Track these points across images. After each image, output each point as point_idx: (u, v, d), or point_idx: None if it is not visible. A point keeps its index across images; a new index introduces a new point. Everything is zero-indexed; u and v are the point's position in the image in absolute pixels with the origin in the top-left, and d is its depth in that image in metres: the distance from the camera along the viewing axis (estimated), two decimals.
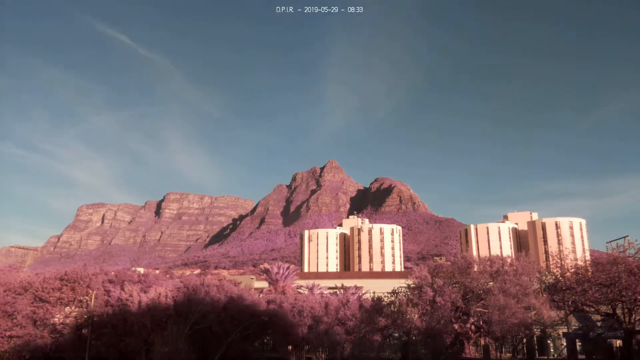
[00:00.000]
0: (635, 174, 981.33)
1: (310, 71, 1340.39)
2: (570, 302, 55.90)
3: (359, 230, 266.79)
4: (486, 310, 59.34)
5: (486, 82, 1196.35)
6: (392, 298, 68.78)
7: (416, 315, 61.68)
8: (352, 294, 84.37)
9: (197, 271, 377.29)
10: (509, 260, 66.00)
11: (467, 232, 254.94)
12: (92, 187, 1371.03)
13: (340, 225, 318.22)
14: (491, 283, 61.78)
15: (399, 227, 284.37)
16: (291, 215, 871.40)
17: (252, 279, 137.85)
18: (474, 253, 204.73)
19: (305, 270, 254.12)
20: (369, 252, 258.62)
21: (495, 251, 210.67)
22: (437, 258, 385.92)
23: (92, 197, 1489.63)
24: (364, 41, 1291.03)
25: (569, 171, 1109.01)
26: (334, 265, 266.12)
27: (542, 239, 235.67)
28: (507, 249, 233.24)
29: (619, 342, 59.30)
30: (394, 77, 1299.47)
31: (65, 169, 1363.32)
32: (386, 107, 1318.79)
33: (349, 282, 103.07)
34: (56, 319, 57.06)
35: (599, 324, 61.92)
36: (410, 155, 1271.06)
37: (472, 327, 64.06)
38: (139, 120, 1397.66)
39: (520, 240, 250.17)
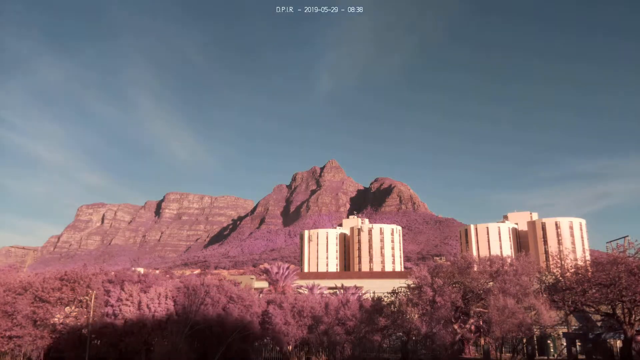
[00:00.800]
0: (636, 172, 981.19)
1: (310, 71, 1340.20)
2: (570, 302, 55.87)
3: (359, 230, 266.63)
4: (486, 311, 59.30)
5: (486, 81, 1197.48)
6: (392, 298, 68.74)
7: (416, 316, 61.61)
8: (352, 294, 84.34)
9: (197, 271, 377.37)
10: (508, 260, 65.93)
11: (467, 232, 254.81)
12: (56, 165, 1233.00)
13: (340, 225, 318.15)
14: (491, 283, 61.72)
15: (399, 227, 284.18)
16: (291, 215, 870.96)
17: (252, 279, 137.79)
18: (474, 253, 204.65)
19: (305, 270, 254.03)
20: (369, 252, 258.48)
21: (495, 251, 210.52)
22: (437, 258, 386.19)
23: (92, 196, 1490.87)
24: (363, 41, 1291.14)
25: (569, 171, 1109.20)
26: (334, 265, 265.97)
27: (542, 239, 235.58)
28: (507, 249, 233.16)
29: (619, 343, 59.28)
30: (393, 77, 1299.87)
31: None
32: (385, 106, 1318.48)
33: (348, 282, 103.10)
34: (56, 319, 57.01)
35: (599, 324, 61.91)
36: (411, 155, 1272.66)
37: (472, 327, 64.05)
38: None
39: (520, 240, 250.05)
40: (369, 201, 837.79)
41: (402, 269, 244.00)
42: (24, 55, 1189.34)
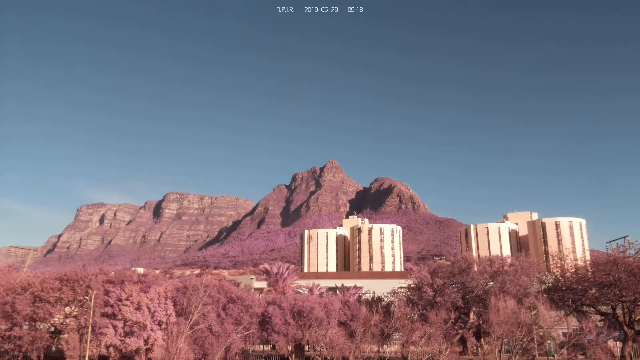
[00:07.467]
0: (636, 173, 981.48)
1: (309, 70, 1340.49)
2: (570, 302, 55.88)
3: (359, 230, 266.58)
4: (486, 311, 59.28)
5: (485, 80, 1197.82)
6: (392, 298, 68.69)
7: (416, 316, 61.60)
8: (352, 294, 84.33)
9: (197, 271, 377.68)
10: (508, 260, 65.90)
11: (467, 232, 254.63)
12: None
13: (340, 225, 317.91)
14: (491, 283, 61.71)
15: (399, 227, 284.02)
16: (291, 216, 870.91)
17: (252, 279, 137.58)
18: (474, 253, 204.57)
19: (305, 270, 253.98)
20: (369, 252, 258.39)
21: (495, 251, 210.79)
22: (437, 258, 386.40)
23: (92, 197, 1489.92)
24: (364, 41, 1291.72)
25: (570, 170, 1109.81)
26: (333, 266, 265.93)
27: (542, 239, 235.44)
28: (507, 249, 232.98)
29: (618, 343, 59.26)
30: (394, 77, 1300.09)
31: None
32: (386, 106, 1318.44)
33: (348, 282, 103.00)
34: (56, 319, 57.01)
35: (599, 324, 61.87)
36: (411, 154, 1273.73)
37: (472, 327, 64.01)
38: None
39: (520, 240, 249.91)
40: (369, 201, 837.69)
41: (402, 269, 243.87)
42: None
